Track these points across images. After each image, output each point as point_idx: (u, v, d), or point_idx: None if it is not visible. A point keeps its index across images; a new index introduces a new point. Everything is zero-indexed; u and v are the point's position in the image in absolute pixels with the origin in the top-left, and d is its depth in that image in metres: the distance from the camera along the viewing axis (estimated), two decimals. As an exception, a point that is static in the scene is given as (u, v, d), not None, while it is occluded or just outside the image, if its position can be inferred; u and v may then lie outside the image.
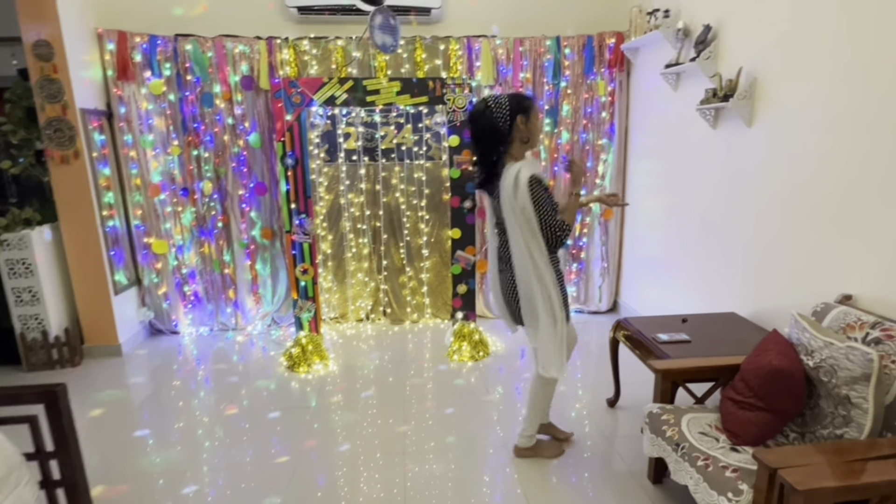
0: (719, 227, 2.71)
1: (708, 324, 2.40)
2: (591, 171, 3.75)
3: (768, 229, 2.36)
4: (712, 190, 2.76)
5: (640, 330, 2.36)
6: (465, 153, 3.13)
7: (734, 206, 2.59)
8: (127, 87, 3.32)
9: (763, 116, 2.37)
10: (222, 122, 3.45)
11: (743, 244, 2.53)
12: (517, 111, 1.86)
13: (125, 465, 2.25)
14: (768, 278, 2.36)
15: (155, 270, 3.59)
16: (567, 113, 3.65)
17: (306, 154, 3.16)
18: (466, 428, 2.47)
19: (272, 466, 2.21)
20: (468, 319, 3.31)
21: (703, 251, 2.85)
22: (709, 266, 2.81)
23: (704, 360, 1.99)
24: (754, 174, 2.44)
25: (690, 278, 2.99)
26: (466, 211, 3.18)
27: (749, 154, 2.47)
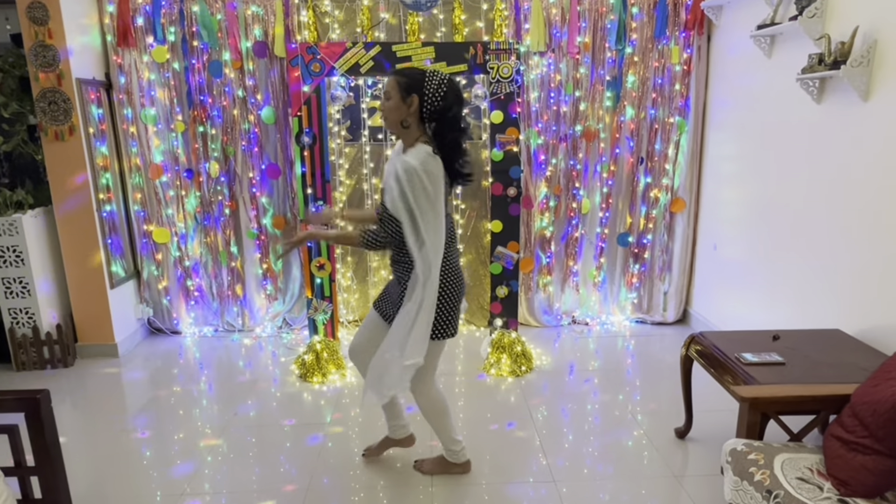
0: (822, 224, 2.55)
1: (806, 342, 2.26)
2: (660, 155, 3.62)
3: (888, 228, 2.20)
4: (815, 179, 2.60)
5: (719, 347, 2.25)
6: (509, 132, 3.07)
7: (843, 198, 2.43)
8: (127, 55, 3.38)
9: (885, 88, 2.20)
10: (231, 94, 3.47)
11: (853, 247, 2.37)
12: (415, 89, 1.88)
13: (117, 480, 2.29)
14: (886, 290, 2.20)
15: (155, 262, 3.67)
16: (633, 85, 3.52)
17: (325, 132, 3.15)
18: (504, 454, 2.42)
19: (280, 491, 2.21)
20: (509, 328, 3.25)
21: (800, 254, 2.70)
22: (807, 272, 2.65)
23: (804, 388, 1.87)
24: (871, 160, 2.28)
25: (782, 287, 2.84)
26: (510, 200, 3.13)
27: (865, 134, 2.31)
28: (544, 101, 3.53)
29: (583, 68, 3.49)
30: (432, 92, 1.87)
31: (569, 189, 3.66)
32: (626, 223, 3.74)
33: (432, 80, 1.88)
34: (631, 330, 3.79)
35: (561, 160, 3.61)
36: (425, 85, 1.87)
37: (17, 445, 1.49)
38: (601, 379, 3.11)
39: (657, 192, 3.67)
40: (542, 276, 3.77)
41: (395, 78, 1.90)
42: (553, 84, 3.50)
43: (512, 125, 3.06)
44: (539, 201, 3.66)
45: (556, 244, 3.74)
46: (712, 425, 2.56)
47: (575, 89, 3.52)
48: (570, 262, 3.78)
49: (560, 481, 2.24)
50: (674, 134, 3.59)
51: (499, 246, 3.17)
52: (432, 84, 1.87)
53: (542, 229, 3.70)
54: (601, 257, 3.79)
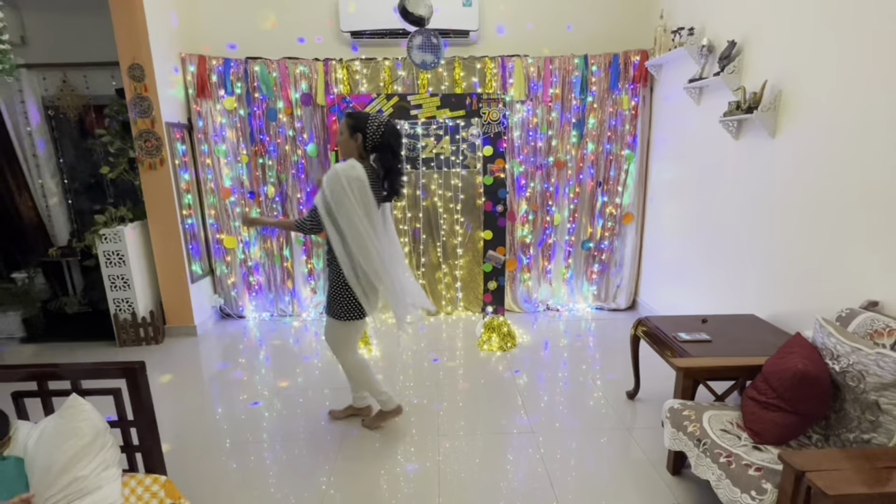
0: (740, 231, 2.54)
1: (728, 324, 2.25)
2: (614, 180, 3.61)
3: (790, 235, 2.19)
4: (734, 197, 2.59)
5: (660, 328, 2.24)
6: (497, 162, 3.06)
7: (756, 211, 2.41)
8: (204, 104, 3.40)
9: (787, 127, 2.19)
10: (284, 134, 3.49)
11: (764, 249, 2.36)
12: (358, 129, 1.93)
13: (196, 430, 2.29)
14: (790, 282, 2.19)
15: (225, 263, 3.67)
16: (593, 125, 3.52)
17: None
18: (494, 410, 2.41)
19: (321, 438, 2.21)
20: (497, 313, 3.25)
21: (723, 255, 2.69)
22: (728, 269, 2.64)
23: (727, 360, 1.86)
24: (777, 182, 2.27)
25: (709, 280, 2.83)
26: (498, 214, 3.12)
27: (772, 163, 2.29)
28: (524, 139, 3.52)
29: (554, 113, 3.49)
30: (373, 132, 1.91)
31: (544, 206, 3.65)
32: (588, 232, 3.73)
33: (373, 122, 1.92)
34: (592, 315, 3.78)
35: (538, 184, 3.60)
36: (367, 126, 1.91)
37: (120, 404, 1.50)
38: (569, 353, 3.09)
39: (612, 208, 3.66)
40: (523, 273, 3.76)
41: (346, 119, 1.94)
42: (531, 125, 3.50)
43: (500, 157, 3.06)
44: (521, 216, 3.65)
45: (534, 249, 3.73)
46: (655, 389, 2.54)
47: (548, 129, 3.51)
48: (545, 262, 3.77)
49: (537, 433, 2.23)
50: (624, 163, 3.57)
51: (490, 250, 3.17)
52: (373, 125, 1.91)
53: (523, 237, 3.69)
54: (569, 259, 3.78)
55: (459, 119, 3.25)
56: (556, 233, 3.74)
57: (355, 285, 1.95)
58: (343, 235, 1.86)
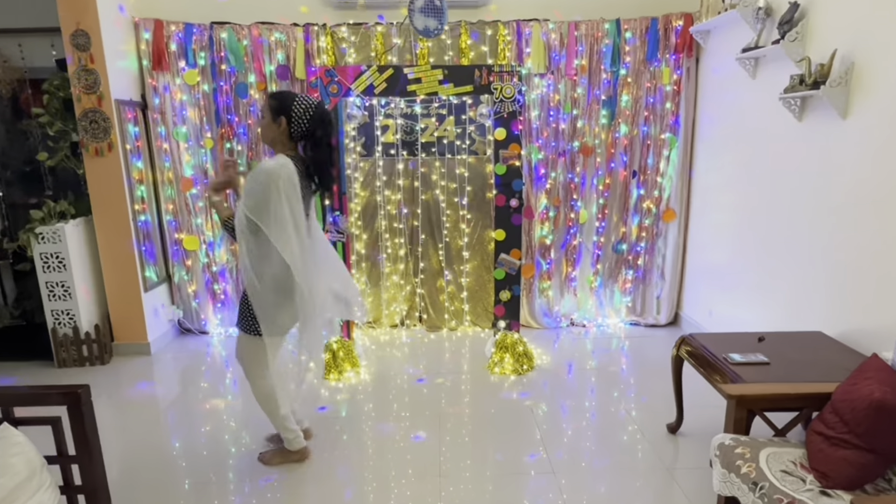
0: (803, 232, 2.54)
1: (789, 344, 2.25)
2: (652, 169, 3.62)
3: (865, 236, 2.19)
4: (796, 190, 2.59)
5: (708, 348, 2.23)
6: (511, 147, 3.07)
7: (823, 208, 2.41)
8: (161, 78, 3.43)
9: (862, 106, 2.20)
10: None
11: (833, 253, 2.36)
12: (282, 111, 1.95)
13: (149, 469, 2.31)
14: (865, 293, 2.19)
15: (185, 267, 3.70)
16: (626, 103, 3.53)
17: (342, 148, 3.17)
18: (507, 446, 2.41)
19: (298, 479, 2.21)
20: (511, 329, 3.25)
21: (783, 260, 2.69)
22: (790, 277, 2.64)
23: (788, 387, 1.85)
24: (848, 172, 2.27)
25: (767, 291, 2.82)
26: (513, 210, 3.13)
27: (843, 149, 2.30)
28: (544, 119, 3.54)
29: (580, 89, 3.50)
30: (299, 115, 1.93)
31: (567, 200, 3.66)
32: (621, 232, 3.73)
33: (300, 104, 1.94)
34: (625, 332, 3.78)
35: (560, 174, 3.61)
36: (293, 108, 1.93)
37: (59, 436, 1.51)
38: (598, 377, 3.09)
39: (649, 203, 3.66)
40: (542, 282, 3.77)
41: (268, 100, 1.97)
42: (552, 103, 3.51)
43: (514, 141, 3.07)
44: (539, 212, 3.66)
45: (555, 251, 3.73)
46: (701, 421, 2.54)
47: (573, 108, 3.53)
48: (568, 268, 3.77)
49: (559, 473, 2.24)
50: (665, 149, 3.58)
51: (502, 253, 3.17)
52: (299, 108, 1.93)
53: (542, 238, 3.70)
54: (598, 264, 3.78)
55: (466, 96, 3.26)
56: (581, 233, 3.74)
57: (267, 299, 1.96)
58: (257, 243, 1.89)
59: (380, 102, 3.55)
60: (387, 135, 3.62)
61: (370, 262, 3.81)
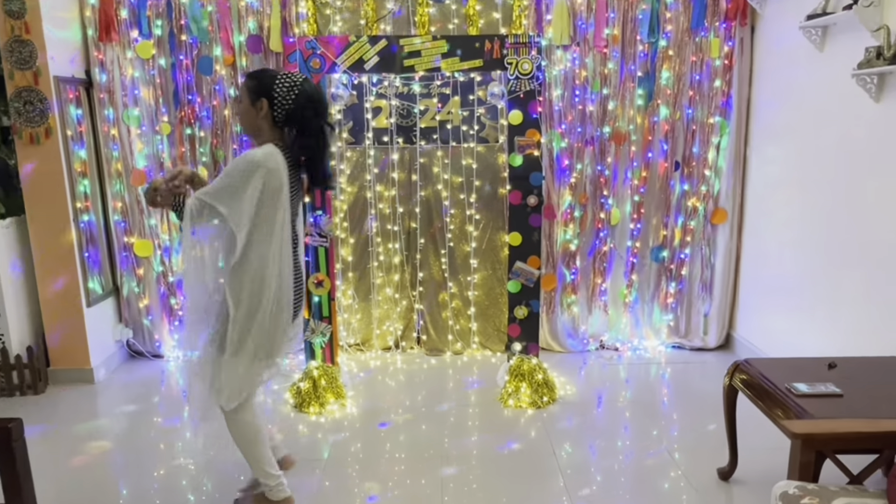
0: (885, 238, 2.53)
1: (866, 372, 2.24)
2: (699, 160, 3.62)
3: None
4: (875, 186, 2.59)
5: (767, 376, 2.23)
6: (529, 134, 3.09)
7: (906, 208, 2.41)
8: (110, 51, 3.46)
9: (952, 85, 2.19)
10: (223, 93, 3.54)
11: (919, 262, 2.35)
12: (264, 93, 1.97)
13: (93, 521, 2.30)
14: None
15: (136, 278, 3.72)
16: (667, 81, 3.54)
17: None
18: (523, 494, 2.40)
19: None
20: (529, 353, 3.25)
21: (859, 271, 2.68)
22: (867, 292, 2.63)
23: (864, 423, 1.84)
24: (937, 165, 2.26)
25: (839, 308, 2.81)
26: (530, 209, 3.14)
27: (930, 137, 2.29)
28: (568, 100, 3.55)
29: (611, 63, 3.51)
30: (282, 96, 1.95)
31: (596, 197, 3.67)
32: (661, 236, 3.74)
33: (283, 83, 1.96)
34: (667, 356, 3.77)
35: (587, 165, 3.63)
36: (275, 88, 1.95)
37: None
38: (634, 411, 3.09)
39: (695, 200, 3.67)
40: (566, 295, 3.77)
41: (245, 81, 2.00)
42: (578, 81, 3.53)
43: (532, 126, 3.08)
44: (563, 211, 3.67)
45: (581, 259, 3.74)
46: (759, 465, 2.53)
47: (602, 86, 3.54)
48: (597, 279, 3.78)
49: (587, 528, 2.23)
50: (714, 136, 3.59)
51: (517, 261, 3.18)
52: (282, 87, 1.95)
53: (565, 242, 3.71)
54: (632, 274, 3.78)
55: (475, 72, 3.29)
56: (613, 236, 3.75)
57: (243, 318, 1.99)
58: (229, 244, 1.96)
59: (371, 80, 3.56)
60: (379, 118, 3.63)
61: (358, 271, 3.82)
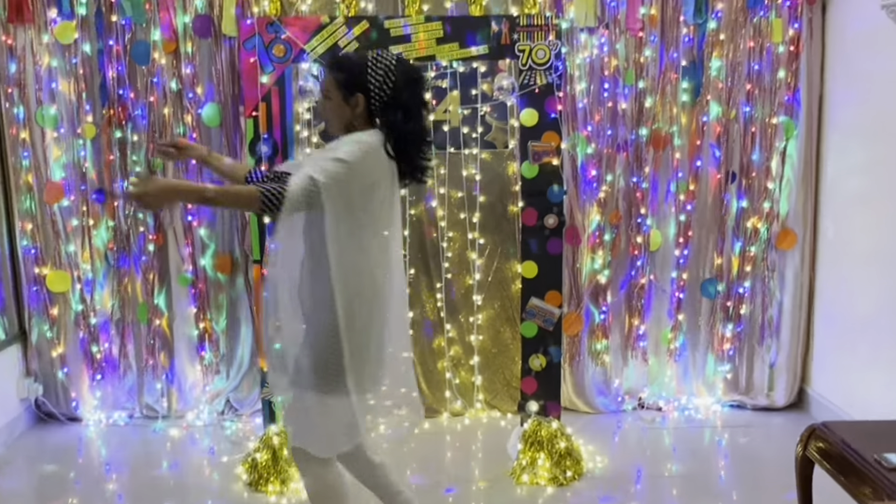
0: None
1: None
2: (760, 169, 3.70)
3: None
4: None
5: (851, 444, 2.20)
6: (546, 138, 3.14)
7: None
8: (21, 34, 3.52)
9: None
10: (162, 86, 3.60)
11: None
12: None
13: None
14: None
15: (49, 319, 3.73)
16: (719, 72, 3.64)
17: (291, 138, 3.26)
18: None
19: None
20: (548, 414, 3.26)
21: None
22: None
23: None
24: None
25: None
26: (548, 232, 3.18)
27: None
28: (595, 96, 3.62)
29: (648, 50, 3.60)
30: (379, 85, 2.04)
31: (631, 217, 3.73)
32: (714, 265, 3.78)
33: (377, 68, 2.04)
34: (724, 418, 3.79)
35: (619, 176, 3.69)
36: (370, 78, 2.04)
37: None
38: (682, 489, 3.10)
39: (756, 220, 3.72)
40: (594, 341, 3.80)
41: (333, 74, 2.07)
42: (607, 72, 3.61)
43: (550, 129, 3.13)
44: (589, 234, 3.72)
45: (613, 294, 3.78)
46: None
47: (638, 78, 3.62)
48: (634, 319, 3.81)
49: None
50: (778, 139, 3.66)
51: (533, 297, 3.20)
52: (377, 75, 2.04)
53: (593, 273, 3.75)
54: (678, 313, 3.82)
55: (478, 61, 3.35)
56: (653, 265, 3.80)
57: (347, 338, 2.01)
58: (340, 246, 1.98)
59: (348, 70, 3.64)
60: (358, 118, 3.70)
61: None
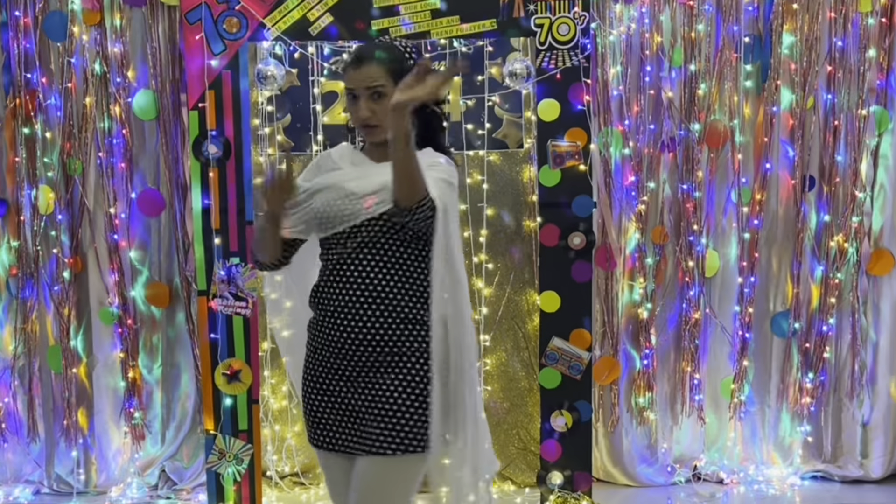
0: None
1: None
2: (845, 173, 3.66)
3: None
4: None
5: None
6: (571, 135, 3.13)
7: None
8: None
9: None
10: (82, 69, 3.57)
11: None
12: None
13: None
14: None
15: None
16: (791, 50, 3.61)
17: (246, 135, 3.21)
18: None
19: None
20: (576, 487, 3.27)
21: None
22: None
23: None
24: None
25: None
26: (574, 255, 3.18)
27: None
28: (633, 82, 3.61)
29: (701, 23, 3.57)
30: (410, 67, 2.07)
31: (680, 234, 3.70)
32: (788, 295, 3.75)
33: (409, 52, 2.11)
34: (804, 493, 3.76)
35: (664, 183, 3.67)
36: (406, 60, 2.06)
37: None
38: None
39: (841, 239, 3.70)
40: (635, 393, 3.77)
41: (385, 64, 2.05)
42: (649, 52, 3.58)
43: (576, 124, 3.13)
44: (627, 256, 3.70)
45: (659, 334, 3.75)
46: None
47: (688, 59, 3.60)
48: (685, 365, 3.77)
49: None
50: (868, 134, 3.65)
51: (555, 337, 3.21)
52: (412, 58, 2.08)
53: (632, 307, 3.73)
54: (743, 358, 3.76)
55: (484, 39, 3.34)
56: (710, 296, 3.77)
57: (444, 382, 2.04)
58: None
59: (321, 51, 3.59)
60: (333, 111, 3.66)
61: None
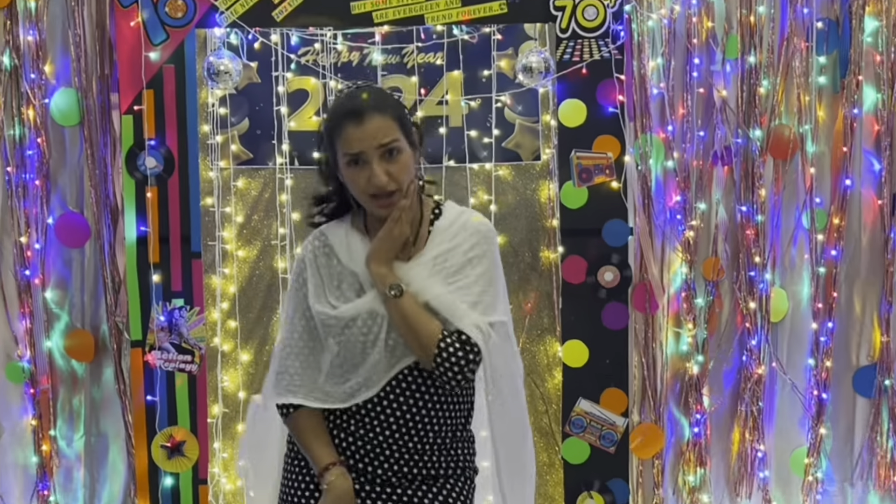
0: None
1: None
2: None
3: None
4: None
5: None
6: (599, 143, 3.20)
7: None
8: None
9: None
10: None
11: None
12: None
13: None
14: None
15: None
16: (874, 38, 3.66)
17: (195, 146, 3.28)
18: None
19: None
20: None
21: None
22: None
23: None
24: None
25: None
26: (605, 294, 3.24)
27: None
28: (678, 78, 3.65)
29: (763, 5, 3.62)
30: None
31: (738, 267, 3.74)
32: (875, 344, 3.78)
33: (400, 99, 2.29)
34: None
35: (718, 204, 3.71)
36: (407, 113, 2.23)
37: None
38: None
39: None
40: (683, 469, 3.79)
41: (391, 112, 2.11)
42: (696, 40, 3.63)
43: (607, 130, 3.19)
44: (672, 296, 3.74)
45: (713, 393, 3.78)
46: None
47: (747, 50, 3.65)
48: (747, 433, 3.79)
49: None
50: None
51: (582, 399, 3.26)
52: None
53: (679, 359, 3.75)
54: (819, 423, 3.80)
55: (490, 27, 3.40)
56: (777, 345, 3.80)
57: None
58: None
59: (287, 40, 3.63)
60: (302, 114, 3.69)
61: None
